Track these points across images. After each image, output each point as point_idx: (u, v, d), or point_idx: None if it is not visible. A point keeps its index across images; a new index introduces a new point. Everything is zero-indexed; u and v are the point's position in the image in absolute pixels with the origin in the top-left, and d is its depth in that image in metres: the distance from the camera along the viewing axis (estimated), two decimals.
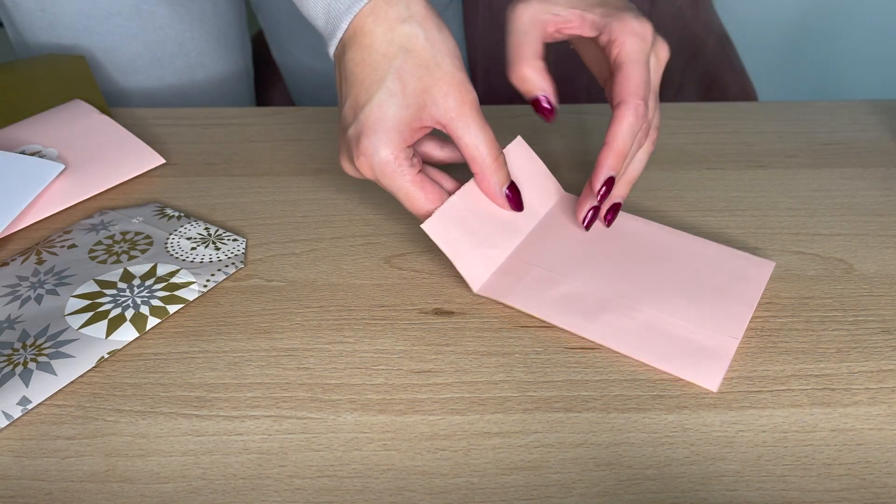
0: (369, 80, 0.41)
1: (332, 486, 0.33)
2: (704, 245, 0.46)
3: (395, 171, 0.41)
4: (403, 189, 0.42)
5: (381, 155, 0.41)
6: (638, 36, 0.44)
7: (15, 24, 0.69)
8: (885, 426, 0.36)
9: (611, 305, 0.42)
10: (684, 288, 0.43)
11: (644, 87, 0.43)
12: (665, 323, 0.41)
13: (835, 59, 1.48)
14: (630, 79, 0.43)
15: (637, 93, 0.43)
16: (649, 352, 0.39)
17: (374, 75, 0.40)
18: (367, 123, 0.41)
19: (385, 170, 0.41)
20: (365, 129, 0.41)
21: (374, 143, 0.41)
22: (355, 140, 0.41)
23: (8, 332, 0.40)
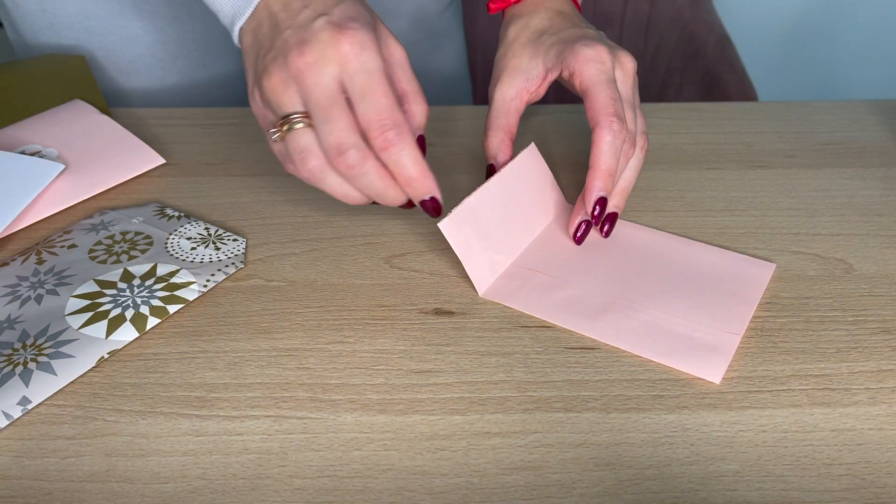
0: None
1: (332, 486, 0.33)
2: (705, 249, 0.47)
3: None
4: (371, 73, 0.38)
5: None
6: (592, 61, 0.46)
7: (15, 25, 0.69)
8: (885, 426, 0.36)
9: (613, 307, 0.42)
10: (685, 290, 0.43)
11: (612, 104, 0.44)
12: (666, 322, 0.41)
13: (835, 59, 1.48)
14: (596, 101, 0.45)
15: (606, 112, 0.44)
16: (651, 348, 0.40)
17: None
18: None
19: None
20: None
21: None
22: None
23: (8, 332, 0.40)
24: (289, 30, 0.38)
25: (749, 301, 0.43)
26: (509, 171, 0.46)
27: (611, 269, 0.45)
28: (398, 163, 0.38)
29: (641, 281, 0.44)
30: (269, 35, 0.39)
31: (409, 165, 0.38)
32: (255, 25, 0.40)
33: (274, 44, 0.39)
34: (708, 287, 0.44)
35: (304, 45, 0.37)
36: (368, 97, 0.37)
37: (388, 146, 0.37)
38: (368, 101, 0.37)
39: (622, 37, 1.14)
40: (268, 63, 0.38)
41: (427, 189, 0.40)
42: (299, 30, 0.38)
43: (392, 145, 0.37)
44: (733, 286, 0.44)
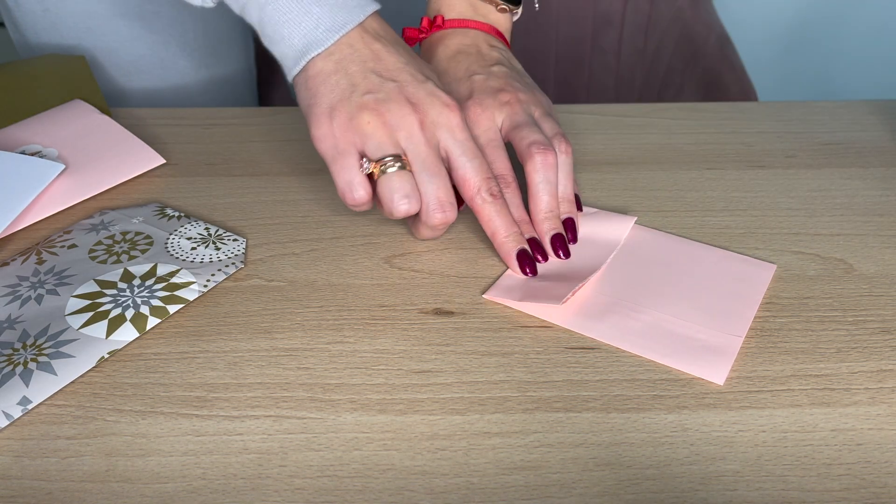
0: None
1: (332, 486, 0.33)
2: (706, 250, 0.47)
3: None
4: (474, 144, 0.45)
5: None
6: (470, 124, 0.48)
7: (17, 25, 0.69)
8: (885, 426, 0.36)
9: (616, 308, 0.42)
10: (687, 291, 0.43)
11: (496, 163, 0.47)
12: (669, 323, 0.41)
13: (835, 59, 1.48)
14: (492, 163, 0.48)
15: (487, 174, 0.45)
16: (654, 349, 0.40)
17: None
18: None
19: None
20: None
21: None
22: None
23: (8, 332, 0.40)
24: (397, 82, 0.43)
25: (751, 302, 0.43)
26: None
27: (612, 270, 0.45)
28: (499, 213, 0.45)
29: (643, 282, 0.44)
30: (366, 76, 0.43)
31: (508, 216, 0.45)
32: (340, 57, 0.43)
33: (381, 86, 0.43)
34: (709, 288, 0.44)
35: (419, 102, 0.43)
36: (477, 161, 0.44)
37: (495, 198, 0.45)
38: (478, 164, 0.44)
39: (622, 37, 1.14)
40: (380, 101, 0.43)
41: (521, 238, 0.46)
42: (409, 85, 0.43)
43: (498, 197, 0.45)
44: (734, 287, 0.44)
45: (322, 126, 0.43)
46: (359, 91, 0.43)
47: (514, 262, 0.45)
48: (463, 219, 0.50)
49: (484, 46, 0.53)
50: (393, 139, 0.43)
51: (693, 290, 0.44)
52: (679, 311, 0.42)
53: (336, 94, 0.43)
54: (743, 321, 0.41)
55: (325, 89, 0.43)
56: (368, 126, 0.42)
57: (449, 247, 0.48)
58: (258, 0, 0.43)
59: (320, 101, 0.43)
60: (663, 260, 0.46)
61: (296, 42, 0.43)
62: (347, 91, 0.43)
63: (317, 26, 0.43)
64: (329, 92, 0.43)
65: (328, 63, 0.43)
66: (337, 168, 0.43)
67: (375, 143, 0.42)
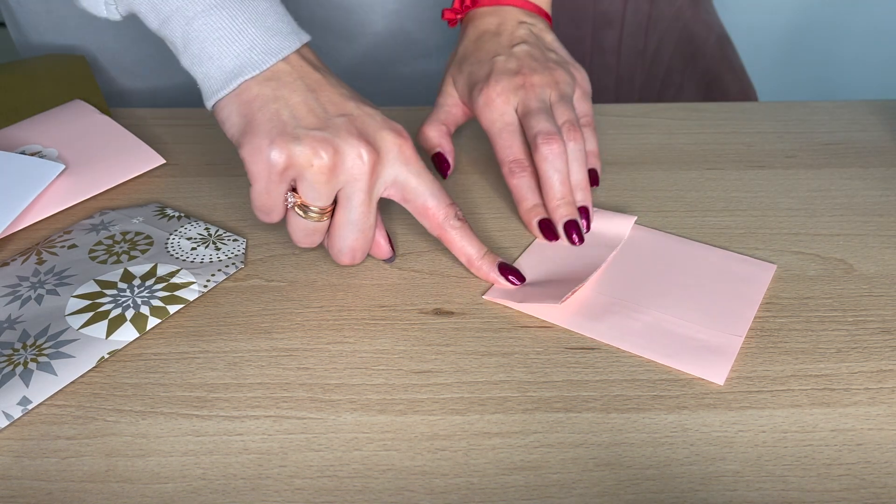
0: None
1: (332, 486, 0.33)
2: (706, 250, 0.47)
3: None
4: (429, 173, 0.44)
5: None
6: (485, 108, 0.50)
7: (19, 25, 0.68)
8: (884, 426, 0.36)
9: (616, 308, 0.42)
10: (687, 291, 0.43)
11: (506, 152, 0.49)
12: (669, 323, 0.41)
13: (835, 59, 1.48)
14: (495, 150, 0.50)
15: (504, 161, 0.49)
16: (653, 349, 0.40)
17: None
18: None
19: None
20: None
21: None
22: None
23: (8, 332, 0.40)
24: (344, 116, 0.41)
25: (750, 302, 0.43)
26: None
27: (612, 270, 0.45)
28: (468, 235, 0.45)
29: (643, 282, 0.44)
30: (310, 107, 0.41)
31: (474, 235, 0.45)
32: (277, 85, 0.41)
33: (327, 123, 0.40)
34: (709, 288, 0.44)
35: (371, 139, 0.41)
36: (437, 190, 0.44)
37: (462, 221, 0.45)
38: (438, 193, 0.44)
39: (622, 37, 1.14)
40: (327, 140, 0.40)
41: (493, 255, 0.46)
42: (357, 120, 0.41)
43: (463, 220, 0.45)
44: (734, 287, 0.44)
45: (261, 152, 0.40)
46: (303, 125, 0.40)
47: (496, 276, 0.44)
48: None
49: (511, 25, 0.53)
50: (332, 187, 0.40)
51: (693, 290, 0.44)
52: (679, 311, 0.42)
53: (276, 125, 0.40)
54: (743, 321, 0.41)
55: (262, 116, 0.40)
56: (311, 170, 0.40)
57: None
58: (185, 13, 0.40)
59: (258, 130, 0.40)
60: (663, 260, 0.46)
61: (226, 63, 0.40)
62: (291, 124, 0.40)
63: (252, 47, 0.40)
64: (268, 121, 0.40)
65: (265, 88, 0.40)
66: (260, 190, 0.41)
67: (312, 189, 0.40)
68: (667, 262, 0.46)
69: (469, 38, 0.54)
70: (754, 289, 0.44)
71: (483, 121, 0.50)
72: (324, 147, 0.39)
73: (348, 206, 0.41)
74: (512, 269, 0.44)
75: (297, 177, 0.40)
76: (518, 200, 0.48)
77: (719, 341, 0.40)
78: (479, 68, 0.51)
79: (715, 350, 0.40)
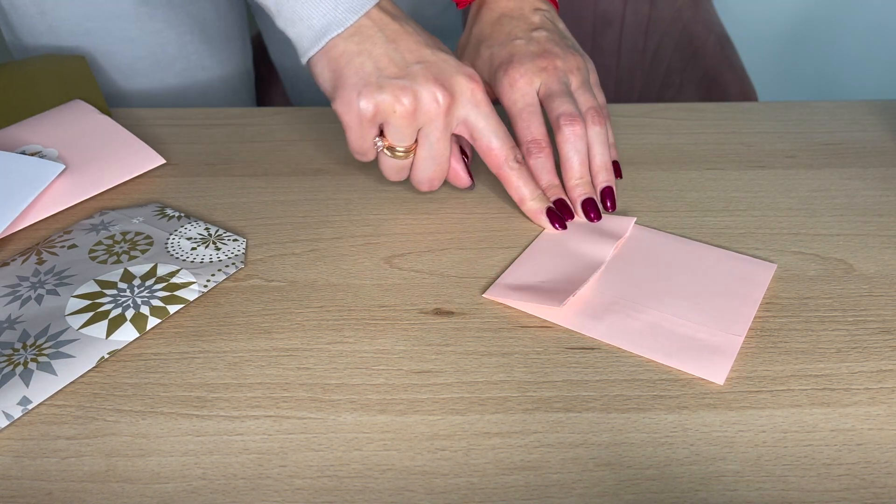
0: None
1: (332, 486, 0.33)
2: (707, 250, 0.47)
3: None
4: (497, 116, 0.47)
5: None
6: (508, 88, 0.50)
7: (13, 28, 0.68)
8: (885, 426, 0.36)
9: (616, 307, 0.42)
10: (687, 290, 0.43)
11: (526, 132, 0.49)
12: (669, 323, 0.41)
13: (835, 59, 1.48)
14: (515, 130, 0.50)
15: (523, 141, 0.50)
16: (654, 349, 0.40)
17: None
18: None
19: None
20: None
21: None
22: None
23: (8, 332, 0.40)
24: (421, 63, 0.45)
25: (751, 301, 0.43)
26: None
27: (612, 270, 0.45)
28: (525, 177, 0.49)
29: (643, 281, 0.44)
30: (391, 57, 0.45)
31: (531, 179, 0.49)
32: (361, 38, 0.45)
33: (407, 71, 0.45)
34: (709, 287, 0.44)
35: (447, 84, 0.45)
36: (502, 132, 0.47)
37: (520, 164, 0.48)
38: (502, 135, 0.47)
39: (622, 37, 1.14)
40: (407, 87, 0.44)
41: (546, 196, 0.50)
42: (434, 66, 0.45)
43: (522, 163, 0.48)
44: (735, 287, 0.44)
45: (351, 104, 0.45)
46: (385, 75, 0.44)
47: (543, 220, 0.48)
48: (463, 220, 0.50)
49: (527, 9, 0.54)
50: (413, 129, 0.45)
51: (693, 289, 0.44)
52: (679, 310, 0.42)
53: (362, 77, 0.44)
54: (743, 320, 0.41)
55: (349, 70, 0.45)
56: (395, 115, 0.44)
57: (449, 247, 0.48)
58: None
59: (346, 83, 0.45)
60: (663, 260, 0.46)
61: (315, 22, 0.44)
62: (374, 74, 0.44)
63: (336, 7, 0.44)
64: (354, 74, 0.44)
65: (350, 44, 0.45)
66: (355, 136, 0.46)
67: (397, 132, 0.45)
68: (666, 261, 0.46)
69: (485, 21, 0.55)
70: (754, 288, 0.44)
71: (505, 101, 0.51)
72: (405, 94, 0.44)
73: (427, 144, 0.46)
74: (558, 217, 0.48)
75: (383, 122, 0.45)
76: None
77: (719, 341, 0.40)
78: (500, 50, 0.52)
79: (715, 350, 0.40)
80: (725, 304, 0.42)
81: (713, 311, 0.42)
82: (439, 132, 0.46)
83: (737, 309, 0.42)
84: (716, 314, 0.42)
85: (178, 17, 0.69)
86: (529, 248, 0.47)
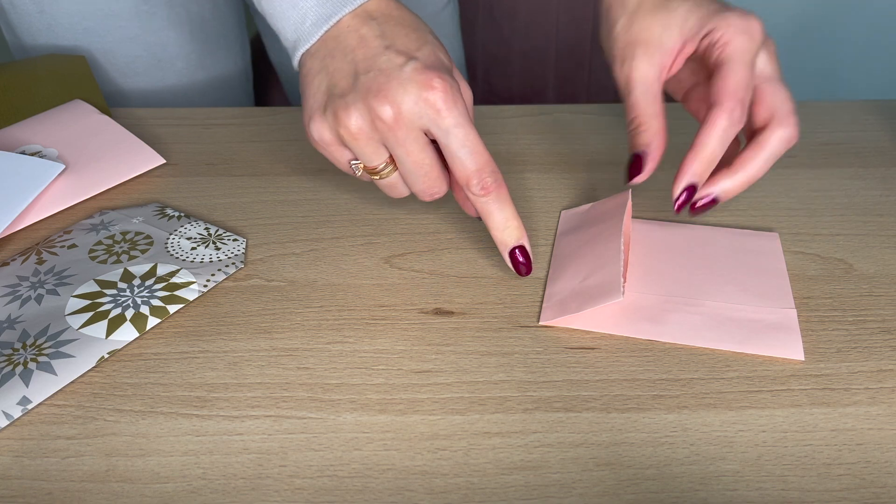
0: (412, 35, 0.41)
1: (332, 486, 0.33)
2: (709, 231, 0.47)
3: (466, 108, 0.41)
4: (466, 127, 0.40)
5: (466, 89, 0.41)
6: (744, 34, 0.41)
7: (12, 27, 0.68)
8: (885, 426, 0.36)
9: (670, 306, 0.42)
10: (721, 274, 0.44)
11: (743, 89, 0.41)
12: (727, 310, 0.42)
13: (835, 59, 1.48)
14: (728, 79, 0.41)
15: (735, 95, 0.40)
16: (726, 340, 0.40)
17: (413, 33, 0.41)
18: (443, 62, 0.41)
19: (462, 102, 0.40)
20: (442, 66, 0.41)
21: (455, 79, 0.41)
22: (436, 74, 0.39)
23: (8, 332, 0.40)
24: (371, 73, 0.39)
25: (780, 273, 0.44)
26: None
27: (640, 268, 0.45)
28: (493, 208, 0.41)
29: (679, 275, 0.44)
30: (344, 71, 0.40)
31: (505, 208, 0.41)
32: (325, 54, 0.41)
33: (354, 85, 0.40)
34: (737, 268, 0.44)
35: (390, 96, 0.39)
36: (467, 150, 0.40)
37: (487, 192, 0.41)
38: (467, 153, 0.40)
39: None
40: (349, 106, 0.40)
41: (520, 234, 0.42)
42: (382, 75, 0.39)
43: (490, 191, 0.41)
44: (755, 262, 0.45)
45: (307, 130, 0.42)
46: (335, 93, 0.40)
47: (506, 257, 0.43)
48: (462, 219, 0.50)
49: None
50: (374, 145, 0.41)
51: (724, 272, 0.44)
52: (729, 296, 0.42)
53: (316, 99, 0.41)
54: (785, 293, 0.42)
55: (308, 93, 0.42)
56: (347, 138, 0.41)
57: (449, 247, 0.48)
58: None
59: (305, 106, 0.42)
60: (681, 249, 0.46)
61: (289, 37, 0.42)
62: (325, 94, 0.41)
63: (303, 20, 0.41)
64: (311, 96, 0.41)
65: (315, 61, 0.41)
66: (331, 160, 0.43)
67: (360, 153, 0.41)
68: (684, 250, 0.46)
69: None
70: (774, 260, 0.45)
71: (732, 43, 0.42)
72: (347, 114, 0.40)
73: (397, 158, 0.41)
74: (523, 255, 0.42)
75: (346, 147, 0.42)
76: (704, 147, 0.41)
77: (778, 318, 0.41)
78: (705, 3, 0.44)
79: (779, 327, 0.40)
80: (761, 280, 0.43)
81: (757, 290, 0.43)
82: (402, 147, 0.40)
83: (774, 283, 0.43)
84: (760, 292, 0.43)
85: (178, 17, 0.69)
86: (553, 259, 0.46)
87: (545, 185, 0.53)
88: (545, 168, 0.55)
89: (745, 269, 0.44)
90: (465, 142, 0.40)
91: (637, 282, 0.44)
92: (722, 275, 0.44)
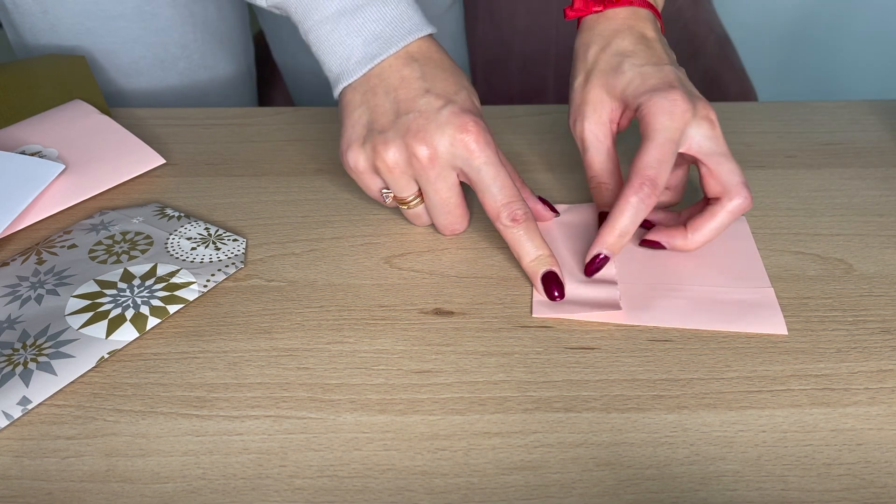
0: (450, 80, 0.45)
1: (332, 486, 0.33)
2: (670, 215, 0.48)
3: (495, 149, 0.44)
4: (497, 166, 0.43)
5: (486, 131, 0.43)
6: (665, 114, 0.43)
7: (15, 27, 0.69)
8: (884, 426, 0.36)
9: (657, 293, 0.43)
10: (696, 259, 0.45)
11: (656, 167, 0.42)
12: (710, 293, 0.43)
13: (835, 59, 1.48)
14: (642, 157, 0.43)
15: (643, 172, 0.42)
16: (714, 320, 0.41)
17: (451, 78, 0.45)
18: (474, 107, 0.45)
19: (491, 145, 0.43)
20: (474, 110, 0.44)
21: (483, 122, 0.44)
22: (468, 116, 0.43)
23: (8, 332, 0.40)
24: (411, 114, 0.43)
25: (752, 255, 0.46)
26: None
27: (627, 260, 0.46)
28: (523, 238, 0.43)
29: (659, 262, 0.45)
30: (385, 108, 0.44)
31: (535, 238, 0.43)
32: (367, 89, 0.45)
33: (395, 123, 0.43)
34: (712, 252, 0.46)
35: (428, 138, 0.42)
36: (497, 185, 0.43)
37: (517, 222, 0.43)
38: (498, 188, 0.43)
39: None
40: (388, 142, 0.43)
41: (550, 262, 0.43)
42: (422, 117, 0.43)
43: (520, 221, 0.43)
44: (727, 245, 0.46)
45: (343, 157, 0.46)
46: (375, 128, 0.44)
47: (539, 284, 0.43)
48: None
49: (662, 38, 0.49)
50: (406, 179, 0.44)
51: (701, 258, 0.45)
52: (708, 279, 0.44)
53: (355, 130, 0.45)
54: (760, 273, 0.44)
55: (348, 122, 0.45)
56: (382, 170, 0.44)
57: (449, 247, 0.48)
58: (303, 26, 0.45)
59: (343, 135, 0.46)
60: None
61: (333, 69, 0.45)
62: (365, 128, 0.44)
63: (349, 56, 0.44)
64: (351, 127, 0.45)
65: (356, 94, 0.45)
66: (361, 186, 0.47)
67: (394, 184, 0.45)
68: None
69: (626, 41, 0.48)
70: (744, 242, 0.47)
71: (653, 122, 0.43)
72: (386, 148, 0.43)
73: (426, 194, 0.45)
74: (558, 283, 0.43)
75: (379, 176, 0.45)
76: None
77: (757, 297, 0.43)
78: (651, 75, 0.45)
79: (760, 305, 0.42)
80: (735, 262, 0.45)
81: (734, 272, 0.44)
82: (432, 184, 0.44)
83: (749, 265, 0.45)
84: (737, 274, 0.44)
85: (181, 17, 0.69)
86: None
87: (545, 185, 0.53)
88: (545, 168, 0.55)
89: (720, 253, 0.46)
90: (496, 178, 0.43)
91: (622, 272, 0.45)
92: (699, 260, 0.45)
